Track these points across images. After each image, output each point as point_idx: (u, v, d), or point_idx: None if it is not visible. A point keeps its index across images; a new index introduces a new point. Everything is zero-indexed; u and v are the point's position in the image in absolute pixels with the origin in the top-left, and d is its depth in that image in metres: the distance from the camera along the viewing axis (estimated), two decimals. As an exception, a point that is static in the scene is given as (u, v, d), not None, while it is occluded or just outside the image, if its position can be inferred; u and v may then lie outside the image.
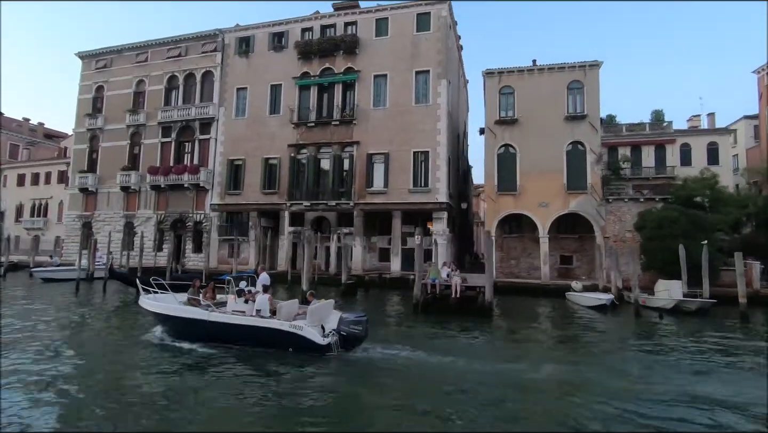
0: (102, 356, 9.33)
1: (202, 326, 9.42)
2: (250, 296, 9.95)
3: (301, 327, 8.77)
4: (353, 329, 8.95)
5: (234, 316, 9.42)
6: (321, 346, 8.68)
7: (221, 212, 30.98)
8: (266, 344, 9.04)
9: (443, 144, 26.78)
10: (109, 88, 35.50)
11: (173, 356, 8.96)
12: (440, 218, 26.49)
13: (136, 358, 9.08)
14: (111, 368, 8.40)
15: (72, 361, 8.71)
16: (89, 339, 11.10)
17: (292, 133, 29.72)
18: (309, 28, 30.37)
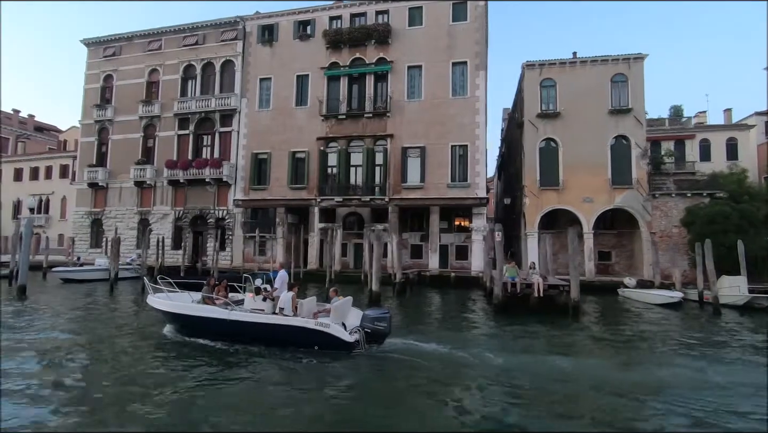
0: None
1: (222, 324, 9.07)
2: (268, 294, 9.69)
3: (328, 325, 8.54)
4: (378, 326, 8.79)
5: (256, 315, 9.11)
6: (349, 343, 8.51)
7: (245, 208, 29.66)
8: (290, 343, 8.78)
9: (482, 138, 26.05)
10: (118, 77, 33.58)
11: (198, 357, 8.54)
12: (480, 213, 25.82)
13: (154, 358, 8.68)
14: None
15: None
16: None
17: (320, 125, 28.55)
18: (337, 17, 29.16)
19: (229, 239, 29.52)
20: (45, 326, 11.83)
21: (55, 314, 13.78)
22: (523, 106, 27.39)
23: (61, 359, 8.46)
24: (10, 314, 13.38)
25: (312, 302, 9.75)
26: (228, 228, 29.64)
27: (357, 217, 28.83)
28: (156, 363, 8.34)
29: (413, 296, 20.18)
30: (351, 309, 9.48)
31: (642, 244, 24.05)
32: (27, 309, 14.59)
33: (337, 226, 27.79)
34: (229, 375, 7.57)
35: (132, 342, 10.06)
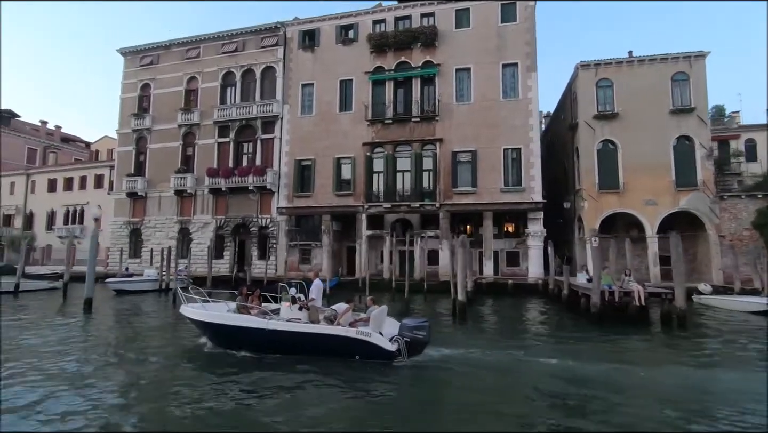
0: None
1: (260, 334, 8.81)
2: (304, 304, 9.48)
3: (369, 334, 8.36)
4: (417, 335, 8.60)
5: (296, 324, 8.92)
6: (391, 353, 8.33)
7: (289, 216, 29.10)
8: (330, 353, 8.57)
9: (536, 140, 25.37)
10: (156, 86, 33.37)
11: (236, 368, 8.30)
12: (536, 218, 25.04)
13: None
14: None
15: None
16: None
17: (366, 130, 28.02)
18: (381, 20, 28.73)
19: (273, 248, 28.95)
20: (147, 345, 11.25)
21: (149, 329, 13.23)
22: (574, 107, 26.71)
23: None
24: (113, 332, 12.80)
25: (348, 311, 9.55)
26: (271, 236, 29.08)
27: (403, 223, 28.14)
28: (191, 375, 8.10)
29: (478, 305, 19.44)
30: (386, 318, 9.26)
31: (709, 247, 23.12)
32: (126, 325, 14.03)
33: (385, 233, 27.13)
34: (270, 386, 7.32)
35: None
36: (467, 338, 11.98)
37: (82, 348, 10.30)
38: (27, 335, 11.80)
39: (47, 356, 9.31)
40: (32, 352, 9.70)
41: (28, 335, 11.70)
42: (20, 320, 14.44)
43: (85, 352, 9.93)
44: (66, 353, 9.77)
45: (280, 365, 8.38)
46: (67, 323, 14.08)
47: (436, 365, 8.56)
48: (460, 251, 14.97)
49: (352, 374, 7.87)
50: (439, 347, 9.67)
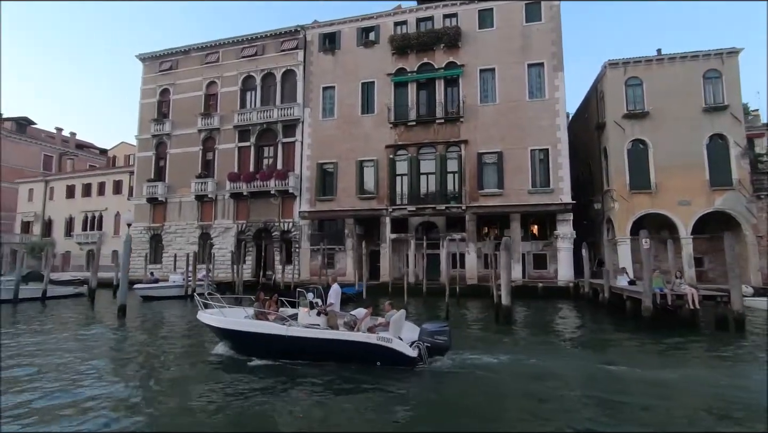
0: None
1: (279, 341, 8.64)
2: (322, 309, 9.29)
3: (390, 339, 8.21)
4: (438, 339, 8.49)
5: (315, 330, 8.73)
6: (412, 358, 8.17)
7: (312, 220, 28.83)
8: (351, 359, 8.42)
9: (564, 141, 24.95)
10: (175, 91, 33.34)
11: (256, 375, 8.16)
12: (566, 220, 24.59)
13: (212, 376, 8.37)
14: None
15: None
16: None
17: (389, 133, 27.75)
18: (402, 22, 28.51)
19: (296, 252, 28.68)
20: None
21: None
22: (600, 106, 26.30)
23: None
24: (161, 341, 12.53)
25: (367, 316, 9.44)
26: (294, 241, 28.82)
27: (427, 225, 27.76)
28: (213, 381, 7.93)
29: (519, 309, 19.00)
30: (405, 322, 9.05)
31: (746, 248, 22.51)
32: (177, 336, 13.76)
33: (410, 236, 26.79)
34: (291, 393, 7.22)
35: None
36: (516, 343, 11.61)
37: (139, 361, 10.00)
38: (73, 344, 11.56)
39: (108, 370, 8.99)
40: (88, 363, 9.44)
41: (75, 345, 11.45)
42: (61, 328, 14.20)
43: (142, 364, 9.66)
44: (122, 361, 9.54)
45: (299, 371, 8.25)
46: (106, 330, 13.82)
47: (482, 372, 8.22)
48: (504, 253, 14.55)
49: (375, 380, 7.69)
50: (487, 353, 9.36)
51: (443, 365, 8.51)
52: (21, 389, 7.31)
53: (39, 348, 10.77)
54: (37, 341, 11.69)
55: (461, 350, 9.47)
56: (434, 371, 8.17)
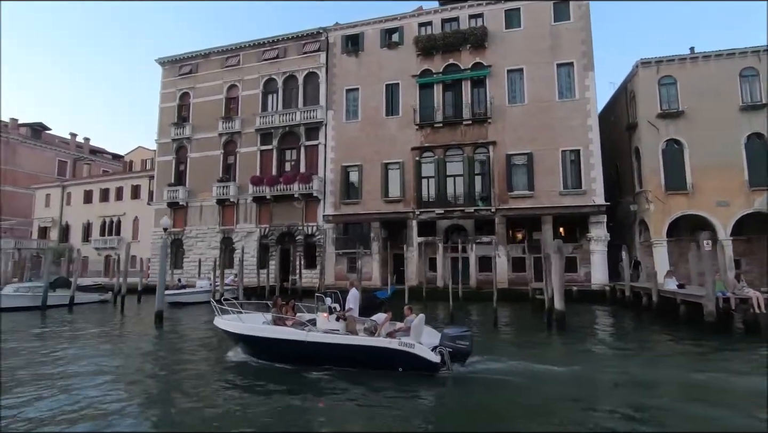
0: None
1: (299, 346, 8.56)
2: (341, 314, 9.27)
3: (413, 345, 8.09)
4: (460, 345, 8.34)
5: (336, 335, 8.65)
6: (435, 364, 8.05)
7: (336, 223, 28.43)
8: (371, 365, 8.30)
9: (596, 141, 24.51)
10: (195, 94, 33.13)
11: (277, 381, 8.03)
12: (599, 222, 24.09)
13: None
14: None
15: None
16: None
17: (415, 135, 27.38)
18: (427, 23, 28.20)
19: (320, 256, 28.27)
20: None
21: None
22: (631, 106, 25.85)
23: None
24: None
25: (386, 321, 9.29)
26: (318, 245, 28.43)
27: (454, 229, 27.31)
28: (232, 389, 7.86)
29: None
30: (425, 327, 8.99)
31: (787, 250, 21.96)
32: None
33: (438, 239, 26.34)
34: (313, 398, 7.11)
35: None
36: (580, 351, 11.12)
37: (193, 370, 9.62)
38: (125, 352, 11.19)
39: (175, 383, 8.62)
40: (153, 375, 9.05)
41: (121, 356, 11.06)
42: (101, 337, 13.83)
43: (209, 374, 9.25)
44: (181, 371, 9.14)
45: (319, 377, 8.16)
46: (151, 339, 13.43)
47: (524, 380, 7.90)
48: (556, 256, 14.09)
49: (399, 386, 7.59)
50: (556, 364, 8.91)
51: (472, 370, 8.42)
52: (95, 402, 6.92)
53: (88, 358, 10.39)
54: (85, 353, 11.30)
55: (512, 358, 9.26)
56: (458, 377, 8.05)
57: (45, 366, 9.49)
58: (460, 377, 8.09)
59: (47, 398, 7.14)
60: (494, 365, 8.84)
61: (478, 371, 8.47)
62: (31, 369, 9.16)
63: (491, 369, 8.58)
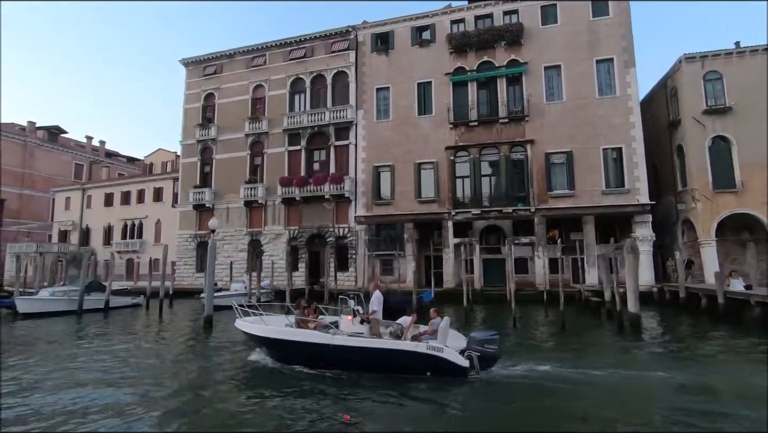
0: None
1: (325, 350, 8.33)
2: (365, 317, 9.05)
3: (441, 349, 7.92)
4: (488, 348, 8.13)
5: (362, 339, 8.46)
6: (465, 368, 7.88)
7: (368, 225, 27.86)
8: (399, 369, 8.09)
9: (639, 139, 23.89)
10: (220, 95, 32.71)
11: (302, 385, 7.77)
12: (644, 221, 23.45)
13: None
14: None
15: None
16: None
17: (449, 134, 26.83)
18: (460, 20, 27.70)
19: (352, 258, 27.70)
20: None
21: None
22: (673, 103, 25.24)
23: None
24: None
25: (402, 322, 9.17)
26: (350, 246, 27.86)
27: (490, 230, 26.70)
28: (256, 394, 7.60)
29: (596, 317, 17.85)
30: (450, 330, 8.77)
31: (843, 249, 21.23)
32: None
33: (475, 240, 25.73)
34: (342, 404, 6.87)
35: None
36: (680, 357, 10.48)
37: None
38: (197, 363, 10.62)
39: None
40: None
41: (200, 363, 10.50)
42: (160, 345, 13.26)
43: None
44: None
45: (344, 381, 7.98)
46: (209, 346, 12.85)
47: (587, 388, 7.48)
48: (630, 256, 13.47)
49: (428, 390, 7.39)
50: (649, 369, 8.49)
51: (512, 373, 8.27)
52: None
53: (163, 369, 9.84)
54: (153, 364, 10.74)
55: (600, 365, 8.81)
56: (488, 381, 7.85)
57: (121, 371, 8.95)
58: (494, 381, 7.89)
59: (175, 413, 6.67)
60: (540, 368, 8.59)
61: (533, 376, 8.18)
62: (111, 375, 8.63)
63: (534, 373, 8.36)
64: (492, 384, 7.77)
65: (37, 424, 6.06)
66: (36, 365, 9.80)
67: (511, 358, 9.29)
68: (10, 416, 6.36)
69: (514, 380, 8.00)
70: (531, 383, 7.86)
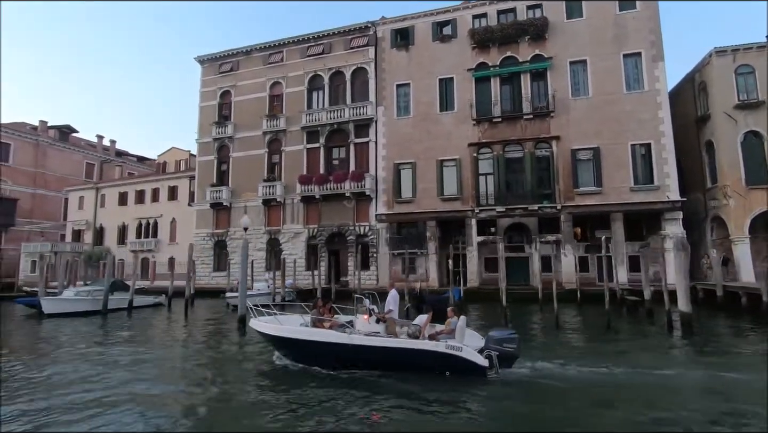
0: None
1: (342, 350, 8.27)
2: (381, 316, 9.07)
3: (460, 348, 7.90)
4: (507, 348, 8.09)
5: (380, 338, 8.41)
6: (484, 368, 7.85)
7: (389, 223, 27.50)
8: (417, 368, 8.02)
9: (669, 134, 23.45)
10: (237, 93, 32.38)
11: (321, 386, 7.71)
12: (674, 218, 23.00)
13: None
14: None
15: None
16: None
17: (472, 130, 26.43)
18: (482, 15, 27.27)
19: (374, 257, 27.35)
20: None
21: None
22: (701, 98, 24.74)
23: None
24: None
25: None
26: (371, 245, 27.50)
27: (514, 227, 26.29)
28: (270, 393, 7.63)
29: (630, 317, 17.44)
30: (467, 329, 8.80)
31: None
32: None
33: (499, 238, 25.31)
34: (363, 404, 6.76)
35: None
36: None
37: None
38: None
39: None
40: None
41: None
42: (201, 348, 12.93)
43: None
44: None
45: (361, 381, 7.89)
46: (248, 348, 12.50)
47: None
48: (681, 254, 13.07)
49: (448, 390, 7.32)
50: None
51: (516, 374, 8.14)
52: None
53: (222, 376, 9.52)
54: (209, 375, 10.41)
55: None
56: (509, 381, 7.78)
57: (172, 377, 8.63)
58: (514, 381, 7.81)
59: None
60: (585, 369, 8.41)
61: (558, 375, 8.05)
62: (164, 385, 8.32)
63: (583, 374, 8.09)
64: (512, 384, 7.69)
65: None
66: (98, 371, 9.49)
67: (565, 358, 9.11)
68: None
69: (534, 380, 7.89)
70: (550, 384, 7.70)
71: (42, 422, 6.14)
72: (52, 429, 5.90)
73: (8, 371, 9.22)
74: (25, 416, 6.36)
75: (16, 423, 6.05)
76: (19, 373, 9.04)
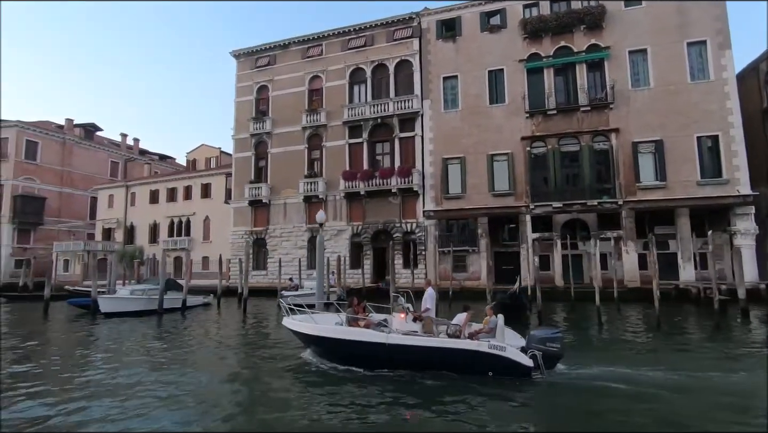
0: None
1: (380, 349, 7.95)
2: (418, 314, 8.97)
3: (504, 348, 7.58)
4: (551, 347, 7.71)
5: (423, 338, 8.16)
6: (529, 368, 7.51)
7: (438, 220, 26.66)
8: (458, 369, 7.73)
9: (738, 125, 22.39)
10: (274, 87, 31.67)
11: (362, 387, 7.42)
12: (746, 213, 21.96)
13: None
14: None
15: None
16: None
17: (524, 123, 25.52)
18: (533, 4, 26.33)
19: (422, 255, 26.52)
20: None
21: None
22: (766, 88, 23.70)
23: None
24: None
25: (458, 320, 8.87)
26: (419, 242, 26.67)
27: (570, 224, 25.35)
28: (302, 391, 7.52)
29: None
30: (506, 328, 8.48)
31: None
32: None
33: (556, 235, 24.42)
34: (404, 405, 6.54)
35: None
36: None
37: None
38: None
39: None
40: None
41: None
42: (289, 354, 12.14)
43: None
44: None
45: (399, 380, 7.67)
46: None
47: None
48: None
49: (493, 391, 7.01)
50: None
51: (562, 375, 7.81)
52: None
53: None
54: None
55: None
56: (556, 383, 7.42)
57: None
58: (561, 382, 7.45)
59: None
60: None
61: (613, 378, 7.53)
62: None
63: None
64: (559, 385, 7.35)
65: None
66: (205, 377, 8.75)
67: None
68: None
69: (584, 382, 7.51)
70: (604, 385, 7.24)
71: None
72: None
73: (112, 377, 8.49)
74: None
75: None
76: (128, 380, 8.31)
